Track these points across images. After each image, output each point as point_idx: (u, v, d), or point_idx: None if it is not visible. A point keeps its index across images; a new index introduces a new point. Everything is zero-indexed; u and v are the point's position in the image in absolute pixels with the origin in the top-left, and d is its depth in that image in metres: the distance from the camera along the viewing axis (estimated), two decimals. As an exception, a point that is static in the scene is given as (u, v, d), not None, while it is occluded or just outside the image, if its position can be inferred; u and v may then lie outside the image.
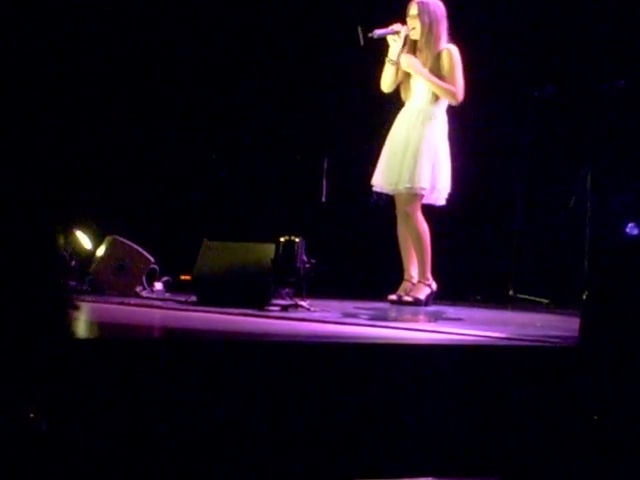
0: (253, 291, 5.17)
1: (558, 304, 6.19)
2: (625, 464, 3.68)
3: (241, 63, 6.87)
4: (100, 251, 5.78)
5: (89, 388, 3.11)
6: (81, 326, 3.90)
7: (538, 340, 4.15)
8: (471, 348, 4.02)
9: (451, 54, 5.69)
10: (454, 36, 5.76)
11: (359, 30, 5.57)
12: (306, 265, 5.18)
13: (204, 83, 6.84)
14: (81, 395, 3.09)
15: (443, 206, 5.80)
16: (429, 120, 5.71)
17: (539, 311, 6.01)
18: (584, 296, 4.15)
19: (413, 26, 5.70)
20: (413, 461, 3.55)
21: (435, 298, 5.78)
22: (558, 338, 4.24)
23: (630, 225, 5.58)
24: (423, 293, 5.70)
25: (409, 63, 5.71)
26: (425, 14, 5.68)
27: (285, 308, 5.12)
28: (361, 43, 5.59)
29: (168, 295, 5.66)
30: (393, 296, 5.70)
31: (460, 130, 5.91)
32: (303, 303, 5.14)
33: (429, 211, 5.78)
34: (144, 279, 5.74)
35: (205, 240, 5.41)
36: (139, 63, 6.54)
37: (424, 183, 5.64)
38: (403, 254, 5.81)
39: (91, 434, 3.08)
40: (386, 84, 5.80)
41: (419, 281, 5.73)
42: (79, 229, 5.84)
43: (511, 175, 6.84)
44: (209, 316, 4.82)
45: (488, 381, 3.75)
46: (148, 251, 5.79)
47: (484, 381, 3.74)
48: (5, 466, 2.84)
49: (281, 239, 5.18)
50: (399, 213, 5.78)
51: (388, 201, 5.85)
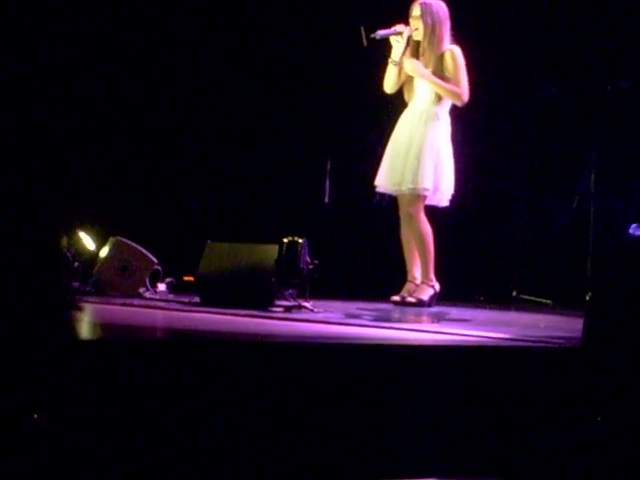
0: (256, 292, 5.17)
1: (561, 305, 6.18)
2: (628, 465, 3.68)
3: (244, 64, 6.87)
4: (103, 252, 5.77)
5: (92, 389, 3.11)
6: (84, 327, 3.91)
7: (541, 341, 4.14)
8: (474, 349, 4.02)
9: (454, 55, 5.68)
10: (457, 37, 5.75)
11: (362, 31, 5.56)
12: (309, 266, 5.18)
13: (208, 84, 6.84)
14: (84, 396, 3.09)
15: (446, 207, 5.80)
16: (432, 121, 5.70)
17: (542, 312, 6.00)
18: (587, 297, 4.14)
19: (416, 27, 5.70)
20: (417, 461, 3.55)
21: (438, 299, 5.77)
22: (561, 339, 4.24)
23: (633, 226, 5.58)
24: (426, 294, 5.70)
25: (413, 68, 5.70)
26: (428, 15, 5.67)
27: (288, 309, 5.12)
28: (364, 44, 5.59)
29: (171, 296, 5.66)
30: (396, 297, 5.69)
31: (463, 131, 5.91)
32: (306, 304, 5.13)
33: (432, 212, 5.78)
34: (147, 280, 5.73)
35: (208, 241, 5.41)
36: (143, 64, 6.54)
37: (427, 184, 5.64)
38: (406, 255, 5.80)
39: (94, 435, 3.09)
40: (389, 85, 5.79)
41: (422, 282, 5.73)
42: (82, 230, 5.84)
43: (514, 176, 6.84)
44: (212, 317, 4.82)
45: (491, 382, 3.74)
46: (151, 252, 5.78)
47: (487, 382, 3.74)
48: (9, 466, 2.84)
49: (284, 240, 5.18)
50: (402, 214, 5.78)
51: (391, 202, 5.85)
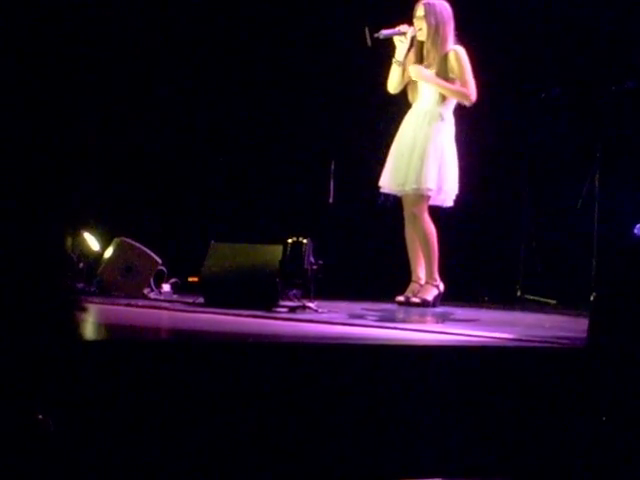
0: (261, 292, 5.17)
1: (566, 305, 6.17)
2: (634, 465, 3.68)
3: (248, 64, 6.87)
4: (108, 253, 5.78)
5: (97, 390, 3.12)
6: (89, 328, 3.91)
7: (546, 341, 4.14)
8: (479, 349, 4.02)
9: (458, 55, 5.68)
10: (461, 37, 5.75)
11: (366, 31, 5.55)
12: (313, 266, 5.18)
13: (213, 84, 6.84)
14: (89, 397, 3.09)
15: (450, 207, 5.80)
16: (436, 121, 5.70)
17: (547, 312, 5.99)
18: (592, 297, 4.14)
19: (420, 27, 5.69)
20: (422, 462, 3.55)
21: (443, 299, 5.77)
22: (566, 339, 4.23)
23: (638, 226, 5.58)
24: (431, 294, 5.70)
25: (417, 73, 5.69)
26: (432, 15, 5.67)
27: (293, 309, 5.12)
28: (368, 44, 5.58)
29: (176, 297, 5.66)
30: (401, 297, 5.69)
31: (467, 132, 5.90)
32: (311, 304, 5.13)
33: (436, 212, 5.78)
34: (152, 281, 5.74)
35: (213, 242, 5.41)
36: (144, 63, 6.54)
37: (430, 184, 5.63)
38: (410, 255, 5.80)
39: (98, 435, 3.09)
40: (393, 85, 5.79)
41: (427, 282, 5.73)
42: (87, 231, 5.84)
43: (518, 176, 6.83)
44: (217, 318, 4.82)
45: (496, 382, 3.74)
46: (156, 253, 5.79)
47: (492, 382, 3.73)
48: (13, 467, 2.84)
49: (289, 240, 5.19)
50: (406, 214, 5.77)
51: (395, 202, 5.85)
